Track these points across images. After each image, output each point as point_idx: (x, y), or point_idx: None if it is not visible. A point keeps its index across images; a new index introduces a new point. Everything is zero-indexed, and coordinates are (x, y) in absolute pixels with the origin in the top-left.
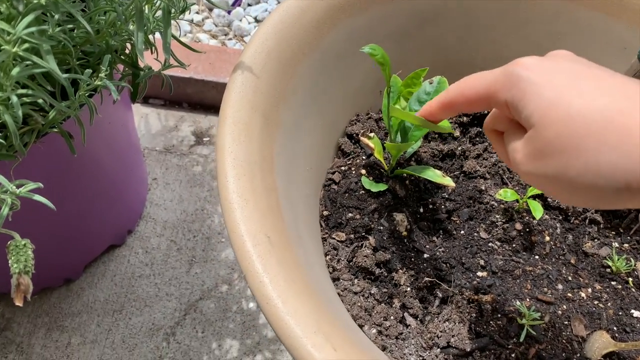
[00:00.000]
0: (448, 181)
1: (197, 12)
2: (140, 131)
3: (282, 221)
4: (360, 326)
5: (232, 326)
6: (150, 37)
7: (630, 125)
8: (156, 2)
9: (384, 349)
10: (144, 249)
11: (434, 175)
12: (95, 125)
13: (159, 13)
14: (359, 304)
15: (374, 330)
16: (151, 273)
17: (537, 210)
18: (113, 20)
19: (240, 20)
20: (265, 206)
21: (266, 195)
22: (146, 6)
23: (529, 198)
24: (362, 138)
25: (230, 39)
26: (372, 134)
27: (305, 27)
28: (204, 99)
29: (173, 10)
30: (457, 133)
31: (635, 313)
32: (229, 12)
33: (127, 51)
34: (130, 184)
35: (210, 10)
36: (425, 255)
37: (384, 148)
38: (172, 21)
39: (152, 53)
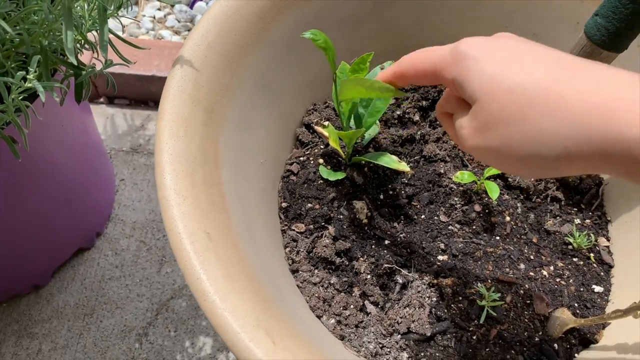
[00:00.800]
0: (404, 166)
1: (159, 9)
2: (106, 132)
3: (227, 216)
4: (319, 317)
5: (204, 323)
6: (92, 35)
7: (565, 92)
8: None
9: (342, 338)
10: (113, 251)
11: (390, 161)
12: (46, 128)
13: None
14: (318, 295)
15: (333, 320)
16: (121, 274)
17: (494, 190)
18: (45, 20)
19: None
20: (206, 202)
21: (208, 190)
22: (79, 5)
23: (486, 179)
24: (316, 127)
25: None
26: (326, 123)
27: (249, 18)
28: None
29: (111, 7)
30: (416, 117)
31: (596, 288)
32: (191, 7)
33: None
34: (94, 186)
35: (172, 6)
36: (386, 242)
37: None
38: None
39: (93, 52)
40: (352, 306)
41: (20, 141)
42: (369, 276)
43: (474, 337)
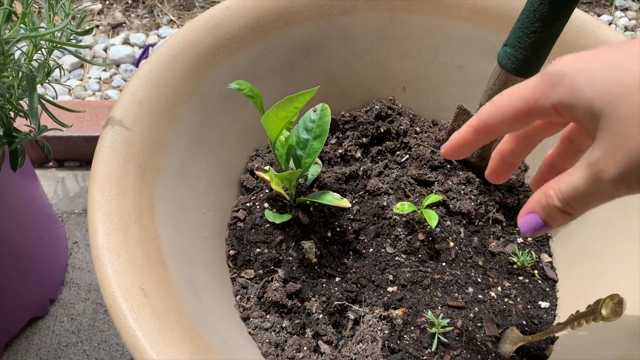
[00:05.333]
0: (345, 202)
1: (104, 70)
2: (58, 196)
3: (164, 270)
4: None
5: None
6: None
7: None
8: (20, 69)
9: None
10: (69, 316)
11: (332, 198)
12: None
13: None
14: (269, 340)
15: None
16: (78, 340)
17: (433, 218)
18: None
19: None
20: (142, 257)
21: (143, 245)
22: (9, 75)
23: (425, 207)
24: (257, 172)
25: None
26: (267, 167)
27: (179, 74)
28: None
29: (40, 75)
30: (358, 154)
31: (543, 304)
32: (136, 66)
33: None
34: (44, 253)
35: (118, 66)
36: (337, 279)
37: None
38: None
39: (26, 118)
40: (305, 348)
41: None
42: (320, 315)
43: None
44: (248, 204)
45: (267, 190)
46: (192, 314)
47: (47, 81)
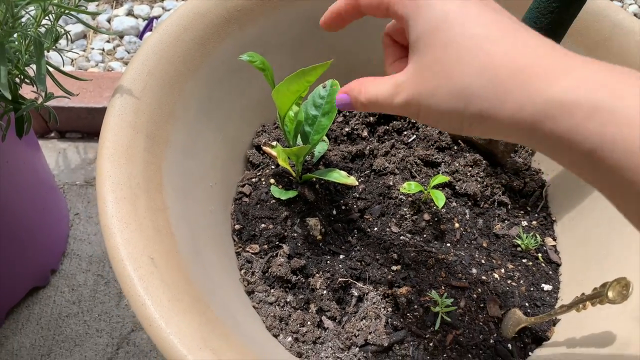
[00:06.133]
0: (352, 180)
1: (108, 41)
2: (59, 167)
3: (173, 241)
4: (275, 336)
5: None
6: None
7: (494, 51)
8: (28, 34)
9: (300, 355)
10: (69, 287)
11: (339, 176)
12: None
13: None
14: (274, 314)
15: (290, 339)
16: (79, 311)
17: (440, 199)
18: None
19: None
20: (151, 227)
21: (152, 216)
22: (16, 40)
23: (432, 188)
24: (264, 148)
25: None
26: (274, 143)
27: (189, 44)
28: None
29: (48, 41)
30: (365, 133)
31: (546, 287)
32: (140, 38)
33: None
34: (46, 223)
35: (121, 37)
36: (341, 256)
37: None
38: (56, 52)
39: (33, 86)
40: (309, 322)
41: None
42: (325, 291)
43: (431, 344)
44: (253, 180)
45: (273, 167)
46: (200, 285)
47: (54, 48)
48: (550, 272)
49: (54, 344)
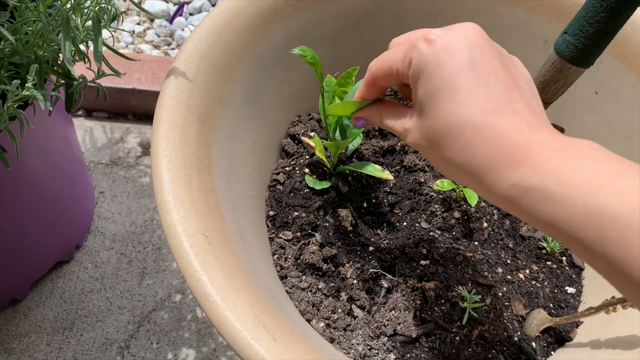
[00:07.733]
0: (387, 175)
1: (139, 23)
2: (85, 145)
3: (222, 221)
4: (308, 320)
5: (187, 335)
6: (83, 46)
7: (476, 136)
8: (86, 11)
9: (332, 340)
10: (93, 264)
11: (374, 170)
12: (31, 139)
13: (90, 23)
14: (307, 300)
15: (322, 324)
16: (102, 287)
17: (473, 197)
18: (40, 31)
19: (183, 30)
20: (203, 207)
21: (204, 196)
22: (75, 16)
23: (464, 187)
24: (303, 138)
25: (173, 48)
26: (312, 134)
27: (239, 32)
28: (149, 109)
29: (105, 19)
30: None
31: (569, 289)
32: (170, 22)
33: (59, 62)
34: (74, 199)
35: (152, 20)
36: (371, 248)
37: (325, 147)
38: (107, 31)
39: (85, 62)
40: (340, 310)
41: (10, 150)
42: (355, 281)
43: (457, 338)
44: (287, 168)
45: (307, 157)
46: (246, 265)
47: (109, 26)
48: (574, 276)
49: (77, 318)
